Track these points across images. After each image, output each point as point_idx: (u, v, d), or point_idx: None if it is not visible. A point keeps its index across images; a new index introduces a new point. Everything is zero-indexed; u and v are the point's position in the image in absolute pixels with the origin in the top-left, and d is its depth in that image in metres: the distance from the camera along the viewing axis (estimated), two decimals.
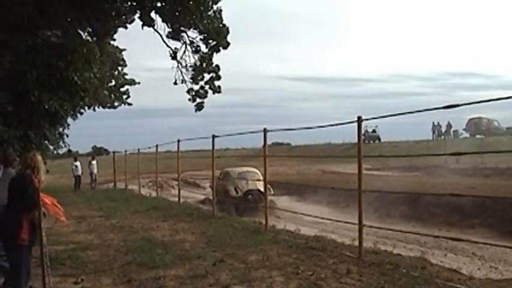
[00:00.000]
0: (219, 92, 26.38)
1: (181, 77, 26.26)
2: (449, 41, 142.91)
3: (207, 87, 26.34)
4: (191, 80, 26.16)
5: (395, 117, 9.73)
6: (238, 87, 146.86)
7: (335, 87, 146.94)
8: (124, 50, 37.81)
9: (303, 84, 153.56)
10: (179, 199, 21.66)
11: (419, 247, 14.96)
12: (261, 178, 22.76)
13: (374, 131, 63.10)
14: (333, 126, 11.35)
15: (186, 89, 26.57)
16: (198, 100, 26.61)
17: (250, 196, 22.99)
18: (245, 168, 25.00)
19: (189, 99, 26.55)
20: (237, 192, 23.17)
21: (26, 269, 6.69)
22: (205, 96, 26.43)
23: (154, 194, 26.17)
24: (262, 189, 22.18)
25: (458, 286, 7.47)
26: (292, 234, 12.44)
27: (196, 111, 26.92)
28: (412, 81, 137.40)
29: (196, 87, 26.36)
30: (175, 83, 26.42)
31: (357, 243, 9.96)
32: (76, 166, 32.25)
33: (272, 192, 23.64)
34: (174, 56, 25.76)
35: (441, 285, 7.47)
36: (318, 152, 57.92)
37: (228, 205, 22.48)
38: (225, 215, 17.15)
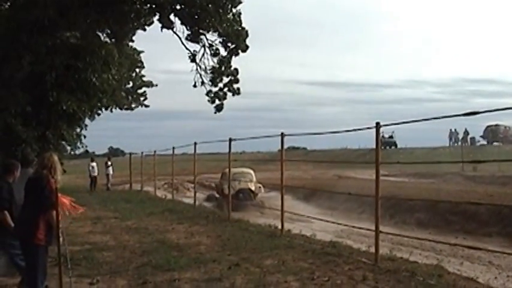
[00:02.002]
0: (239, 93, 26.30)
1: (200, 80, 26.23)
2: (467, 47, 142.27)
3: (225, 89, 26.29)
4: (210, 83, 26.12)
5: (411, 123, 9.69)
6: (255, 91, 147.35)
7: (352, 92, 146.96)
8: (142, 52, 37.92)
9: (320, 89, 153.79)
10: (195, 202, 21.69)
11: (435, 255, 14.82)
12: (254, 178, 26.68)
13: (391, 136, 62.95)
14: (350, 132, 11.34)
15: (205, 92, 26.55)
16: (217, 102, 26.58)
17: (241, 194, 25.06)
18: (241, 169, 26.12)
19: (208, 101, 26.53)
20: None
21: (42, 268, 6.70)
22: (225, 98, 26.35)
23: (169, 196, 26.20)
24: (252, 188, 26.15)
25: None
26: (308, 239, 12.39)
27: (215, 112, 26.88)
28: (428, 87, 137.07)
29: (215, 89, 26.34)
30: (194, 86, 26.40)
31: (372, 249, 9.89)
32: (93, 167, 32.39)
33: (263, 191, 26.87)
34: (193, 59, 25.74)
35: None
36: (333, 157, 57.84)
37: (222, 202, 24.93)
38: (241, 218, 17.05)
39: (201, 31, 23.97)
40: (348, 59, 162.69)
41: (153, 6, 22.18)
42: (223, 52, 25.14)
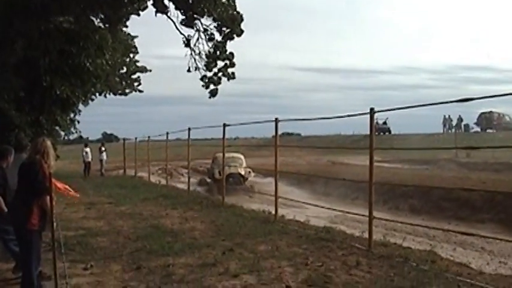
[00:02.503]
0: (233, 78, 26.28)
1: (194, 65, 26.15)
2: (462, 34, 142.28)
3: (220, 74, 26.23)
4: (204, 68, 26.05)
5: (406, 109, 9.72)
6: (249, 77, 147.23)
7: (346, 78, 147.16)
8: (136, 37, 37.79)
9: (314, 75, 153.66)
10: (189, 187, 21.71)
11: (428, 240, 14.91)
12: (244, 163, 27.42)
13: (385, 122, 63.01)
14: (344, 118, 11.36)
15: (199, 77, 26.49)
16: (212, 87, 26.51)
17: (231, 179, 25.14)
18: (231, 154, 26.29)
19: (203, 86, 26.48)
20: (220, 175, 24.15)
21: (36, 254, 6.68)
22: (219, 83, 26.34)
23: (163, 181, 26.20)
24: (242, 173, 26.80)
25: (468, 281, 7.42)
26: (302, 225, 12.42)
27: (210, 97, 26.88)
28: (423, 73, 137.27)
29: (209, 74, 26.27)
30: (188, 71, 26.34)
31: (366, 235, 9.94)
32: (86, 152, 32.30)
33: (252, 175, 27.73)
34: (187, 44, 25.65)
35: (451, 280, 7.42)
36: (327, 143, 57.82)
37: (212, 186, 26.31)
38: (235, 203, 17.06)
39: (195, 16, 23.87)
40: (343, 45, 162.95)
41: None
42: (218, 37, 25.07)
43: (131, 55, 39.58)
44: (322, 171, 29.47)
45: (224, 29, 24.45)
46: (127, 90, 42.28)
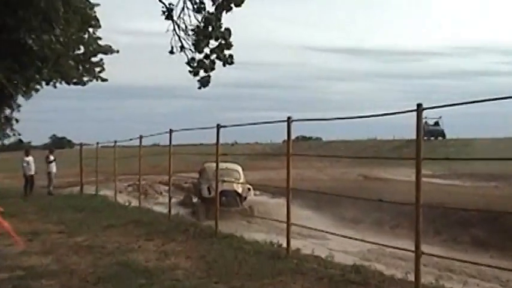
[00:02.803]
0: (231, 62, 26.07)
1: (179, 44, 26.06)
2: None
3: (213, 56, 26.07)
4: (193, 47, 25.94)
5: (466, 105, 9.63)
6: (251, 61, 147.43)
7: (381, 62, 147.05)
8: (97, 5, 37.82)
9: (338, 58, 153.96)
10: (169, 210, 21.71)
11: (499, 286, 14.85)
12: (242, 177, 27.22)
13: (437, 123, 62.91)
14: (381, 117, 11.32)
15: (186, 60, 26.36)
16: (202, 73, 26.37)
17: (223, 198, 24.17)
18: (224, 165, 25.87)
19: (190, 72, 26.34)
20: (209, 193, 24.13)
21: None
22: (212, 68, 26.18)
23: (135, 202, 26.28)
24: (239, 191, 26.55)
25: None
26: (323, 262, 12.40)
27: (200, 88, 26.71)
28: (487, 55, 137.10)
29: (199, 56, 26.14)
30: (171, 52, 26.23)
31: (411, 276, 9.90)
32: (28, 163, 32.32)
33: (252, 194, 27.87)
34: (168, 15, 25.57)
35: None
36: (358, 150, 57.89)
37: (197, 208, 26.27)
38: (231, 234, 17.08)
39: None
40: (376, 17, 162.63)
41: None
42: (210, 7, 24.97)
43: (91, 30, 39.56)
44: (350, 189, 29.48)
45: None
46: (85, 78, 42.21)
